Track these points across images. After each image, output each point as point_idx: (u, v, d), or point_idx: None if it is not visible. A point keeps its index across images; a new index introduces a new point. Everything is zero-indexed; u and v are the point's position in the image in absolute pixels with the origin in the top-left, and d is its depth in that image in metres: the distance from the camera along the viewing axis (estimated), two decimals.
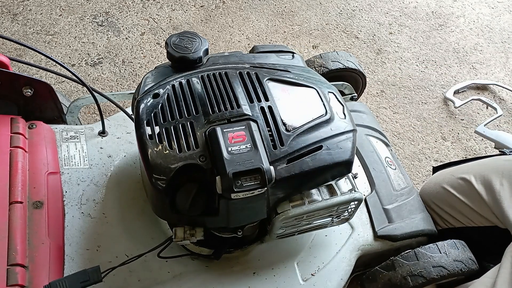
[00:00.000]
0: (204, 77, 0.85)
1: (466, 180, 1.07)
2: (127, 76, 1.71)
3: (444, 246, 1.00)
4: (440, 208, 1.12)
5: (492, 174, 1.03)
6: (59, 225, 0.92)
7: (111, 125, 1.13)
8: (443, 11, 2.10)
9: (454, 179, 1.11)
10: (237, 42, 1.88)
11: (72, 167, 1.02)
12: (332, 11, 2.05)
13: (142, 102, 0.82)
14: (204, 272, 0.94)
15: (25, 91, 1.04)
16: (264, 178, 0.72)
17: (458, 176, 1.10)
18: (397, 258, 1.00)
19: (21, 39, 1.78)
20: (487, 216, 1.03)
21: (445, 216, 1.12)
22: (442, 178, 1.15)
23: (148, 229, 0.96)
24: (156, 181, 0.76)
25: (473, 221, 1.06)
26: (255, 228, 0.95)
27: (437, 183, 1.15)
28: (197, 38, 0.88)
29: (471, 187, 1.05)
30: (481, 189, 1.03)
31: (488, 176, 1.03)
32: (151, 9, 1.96)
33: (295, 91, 0.87)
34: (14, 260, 0.80)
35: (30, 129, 1.04)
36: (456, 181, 1.10)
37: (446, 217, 1.11)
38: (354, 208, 0.91)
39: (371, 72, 1.82)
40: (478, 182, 1.04)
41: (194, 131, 0.78)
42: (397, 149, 1.59)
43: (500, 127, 1.68)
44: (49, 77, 1.65)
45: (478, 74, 1.86)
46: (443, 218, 1.12)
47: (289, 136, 0.80)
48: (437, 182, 1.15)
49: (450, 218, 1.11)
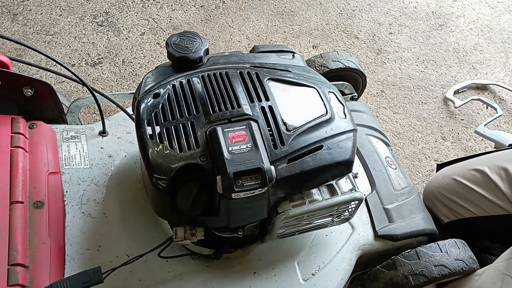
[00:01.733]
0: (205, 77, 0.85)
1: (480, 171, 1.11)
2: (127, 76, 1.71)
3: (445, 245, 1.01)
4: (450, 199, 1.15)
5: (507, 165, 1.07)
6: (60, 225, 0.92)
7: (112, 125, 1.13)
8: (443, 11, 2.10)
9: (466, 170, 1.14)
10: (237, 42, 1.88)
11: (72, 167, 1.02)
12: (332, 11, 2.05)
13: (142, 102, 0.82)
14: (205, 272, 0.94)
15: (26, 91, 1.04)
16: (264, 178, 0.72)
17: (470, 168, 1.13)
18: (399, 257, 1.00)
19: (21, 39, 1.78)
20: (502, 204, 1.06)
21: (454, 207, 1.14)
22: (451, 171, 1.19)
23: (149, 229, 0.96)
24: (157, 181, 0.76)
25: (486, 210, 1.08)
26: (256, 228, 0.95)
27: (446, 176, 1.19)
28: (197, 38, 0.88)
29: (486, 177, 1.09)
30: (496, 178, 1.07)
31: (503, 166, 1.07)
32: (151, 9, 1.96)
33: (295, 90, 0.87)
34: (14, 260, 0.80)
35: (30, 129, 1.04)
36: (468, 172, 1.13)
37: (456, 208, 1.14)
38: (355, 207, 0.91)
39: (371, 72, 1.83)
40: (493, 172, 1.08)
41: (194, 130, 0.78)
42: (397, 149, 1.59)
43: (500, 127, 1.68)
44: (49, 77, 1.65)
45: (478, 74, 1.86)
46: (453, 209, 1.14)
47: (290, 135, 0.80)
48: (447, 175, 1.19)
49: (460, 208, 1.13)
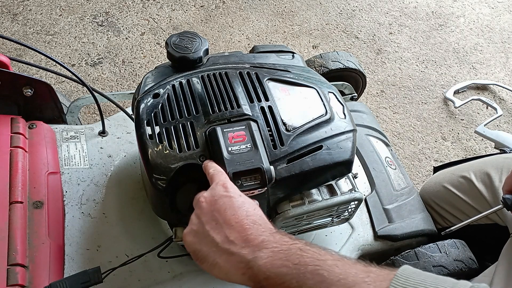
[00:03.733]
0: (204, 77, 0.85)
1: (466, 178, 1.07)
2: (127, 76, 1.71)
3: (445, 245, 1.00)
4: (441, 207, 1.12)
5: (491, 171, 1.03)
6: (59, 225, 0.92)
7: (111, 125, 1.13)
8: (443, 11, 2.10)
9: (455, 177, 1.10)
10: (237, 42, 1.88)
11: (72, 167, 1.02)
12: (332, 11, 2.05)
13: (142, 102, 0.82)
14: (205, 272, 0.92)
15: (25, 91, 1.04)
16: (264, 178, 0.72)
17: (458, 175, 1.10)
18: (397, 257, 1.00)
19: (21, 39, 1.78)
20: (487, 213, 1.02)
21: (445, 215, 1.11)
22: (442, 177, 1.15)
23: (148, 229, 0.96)
24: (156, 181, 0.76)
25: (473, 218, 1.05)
26: None
27: (437, 182, 1.15)
28: (197, 38, 0.88)
29: (471, 185, 1.05)
30: (481, 186, 1.03)
31: (488, 173, 1.03)
32: (151, 9, 1.96)
33: (295, 91, 0.87)
34: (14, 260, 0.79)
35: (30, 129, 1.04)
36: (456, 179, 1.10)
37: (446, 216, 1.11)
38: (354, 208, 0.91)
39: (371, 72, 1.82)
40: (478, 180, 1.04)
41: (194, 131, 0.78)
42: (397, 149, 1.59)
43: (500, 127, 1.68)
44: (49, 77, 1.65)
45: (478, 74, 1.86)
46: (444, 217, 1.12)
47: (289, 136, 0.80)
48: (438, 181, 1.15)
49: (450, 216, 1.10)
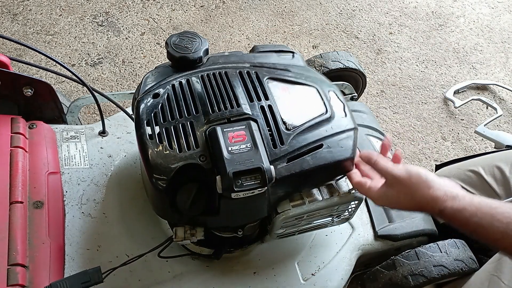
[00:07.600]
0: (204, 76, 0.85)
1: (475, 172, 1.08)
2: (127, 76, 1.71)
3: (445, 245, 1.00)
4: None
5: (502, 165, 1.04)
6: (60, 225, 0.92)
7: (111, 125, 1.13)
8: (443, 11, 2.10)
9: (462, 171, 1.11)
10: (237, 42, 1.88)
11: (72, 167, 1.02)
12: (332, 11, 2.05)
13: (142, 102, 0.82)
14: (205, 272, 0.93)
15: (26, 91, 1.04)
16: (264, 178, 0.72)
17: (466, 169, 1.11)
18: (398, 257, 1.00)
19: (21, 39, 1.78)
20: None
21: None
22: (448, 172, 1.16)
23: (149, 229, 0.96)
24: (157, 181, 0.76)
25: None
26: (256, 228, 0.95)
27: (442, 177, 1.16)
28: (197, 38, 0.88)
29: (480, 178, 1.06)
30: (490, 180, 1.04)
31: (498, 166, 1.05)
32: (151, 9, 1.96)
33: (295, 90, 0.87)
34: (14, 260, 0.80)
35: (30, 129, 1.04)
36: (464, 173, 1.10)
37: None
38: (355, 207, 0.91)
39: (371, 72, 1.82)
40: (487, 173, 1.05)
41: (194, 130, 0.78)
42: (397, 149, 1.59)
43: (500, 127, 1.68)
44: (49, 77, 1.65)
45: (478, 74, 1.86)
46: None
47: (289, 135, 0.80)
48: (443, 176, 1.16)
49: None
